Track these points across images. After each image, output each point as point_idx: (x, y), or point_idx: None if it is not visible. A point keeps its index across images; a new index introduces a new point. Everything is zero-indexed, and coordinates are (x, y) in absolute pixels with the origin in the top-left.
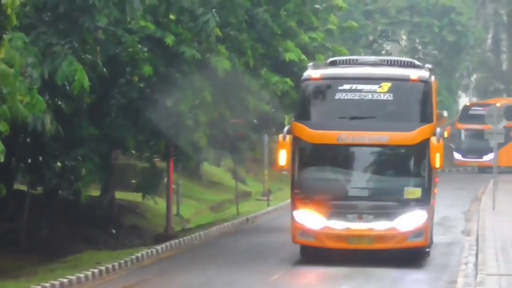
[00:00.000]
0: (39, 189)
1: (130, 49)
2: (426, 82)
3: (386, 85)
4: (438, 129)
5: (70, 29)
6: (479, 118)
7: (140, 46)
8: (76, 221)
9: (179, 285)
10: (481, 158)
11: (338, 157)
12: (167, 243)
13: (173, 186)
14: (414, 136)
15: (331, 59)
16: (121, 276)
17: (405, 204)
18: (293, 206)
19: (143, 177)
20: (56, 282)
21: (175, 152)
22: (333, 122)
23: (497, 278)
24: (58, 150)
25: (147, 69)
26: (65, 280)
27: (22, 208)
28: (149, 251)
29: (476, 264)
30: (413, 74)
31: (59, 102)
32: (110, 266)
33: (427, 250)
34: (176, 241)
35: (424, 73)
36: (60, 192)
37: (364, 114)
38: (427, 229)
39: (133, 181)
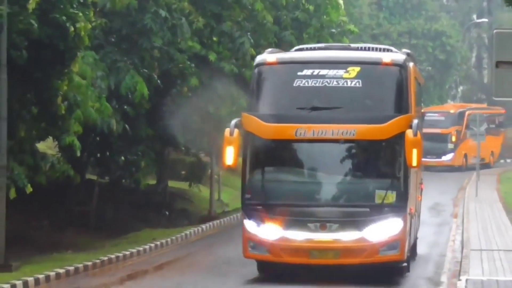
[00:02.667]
0: (106, 178)
1: (180, 65)
2: (401, 66)
3: (354, 70)
4: (415, 121)
5: (131, 48)
6: (434, 123)
7: (188, 62)
8: (136, 205)
9: (219, 257)
10: (440, 158)
11: (296, 155)
12: (210, 223)
13: (215, 176)
14: (386, 129)
15: (297, 47)
16: (173, 250)
17: (376, 210)
18: (244, 214)
19: (190, 169)
20: (120, 254)
21: (216, 148)
22: (290, 114)
23: (478, 252)
24: (122, 147)
25: (194, 81)
26: (127, 252)
27: (92, 195)
28: (195, 229)
29: (462, 241)
30: (386, 57)
31: (125, 107)
32: (163, 241)
33: (404, 265)
34: (217, 221)
35: (399, 56)
36: (123, 181)
37: (328, 104)
38: (403, 240)
39: (183, 172)
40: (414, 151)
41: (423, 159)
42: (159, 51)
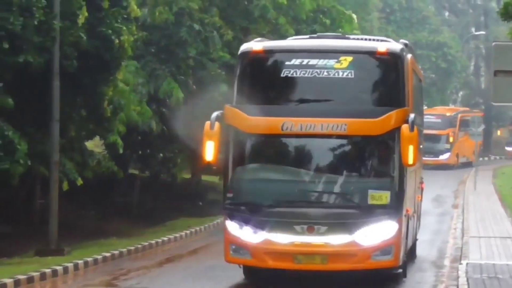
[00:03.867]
0: (146, 173)
1: (212, 73)
2: (397, 56)
3: (346, 60)
4: (411, 115)
5: (169, 58)
6: (431, 125)
7: (219, 70)
8: (173, 197)
9: None
10: (438, 157)
11: (283, 151)
12: None
13: None
14: (380, 123)
15: (290, 38)
16: (206, 236)
17: (369, 212)
18: (226, 215)
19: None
20: (159, 240)
21: None
22: (276, 107)
23: (477, 239)
24: (160, 145)
25: (223, 87)
26: (165, 238)
27: (133, 187)
28: None
29: (462, 229)
30: (381, 46)
31: (163, 110)
32: (197, 228)
33: (399, 271)
34: None
35: (395, 46)
36: (161, 175)
37: (317, 96)
38: (397, 245)
39: (214, 167)
40: (410, 148)
41: (423, 159)
42: (193, 60)
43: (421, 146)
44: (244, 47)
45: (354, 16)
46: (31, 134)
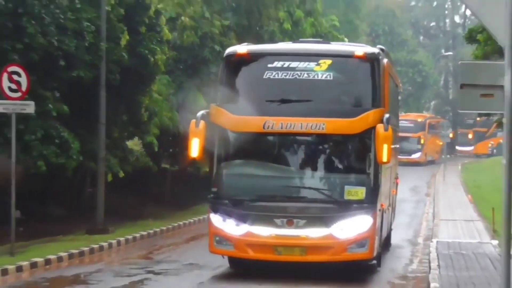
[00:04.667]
0: (176, 167)
1: None
2: (373, 59)
3: (326, 63)
4: (386, 115)
5: (194, 73)
6: (405, 129)
7: None
8: (196, 187)
9: None
10: (411, 156)
11: (264, 148)
12: None
13: None
14: (357, 123)
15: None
16: None
17: (345, 206)
18: (210, 208)
19: None
20: (186, 222)
21: None
22: (259, 106)
23: (445, 222)
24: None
25: None
26: (191, 220)
27: (165, 179)
28: None
29: (433, 214)
30: (359, 50)
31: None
32: None
33: (374, 262)
34: None
35: (372, 50)
36: (188, 169)
37: (298, 96)
38: (372, 238)
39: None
40: (385, 146)
41: (399, 156)
42: (214, 75)
43: (397, 146)
44: (229, 50)
45: (346, 39)
46: (82, 135)
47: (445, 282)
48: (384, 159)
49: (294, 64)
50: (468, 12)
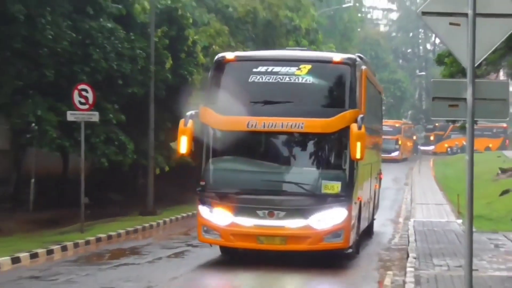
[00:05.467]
0: None
1: None
2: (350, 64)
3: (306, 67)
4: (360, 116)
5: None
6: (386, 132)
7: None
8: None
9: None
10: (391, 154)
11: (248, 145)
12: None
13: None
14: (333, 122)
15: None
16: None
17: (322, 200)
18: (199, 200)
19: None
20: None
21: None
22: (243, 107)
23: (420, 205)
24: None
25: None
26: None
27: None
28: None
29: (411, 199)
30: (337, 56)
31: None
32: None
33: (350, 251)
34: None
35: (349, 56)
36: None
37: (279, 98)
38: (347, 229)
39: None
40: (358, 144)
41: (382, 155)
42: None
43: (383, 146)
44: (219, 55)
45: None
46: (136, 138)
47: (421, 252)
48: (358, 156)
49: (277, 69)
50: (437, 41)
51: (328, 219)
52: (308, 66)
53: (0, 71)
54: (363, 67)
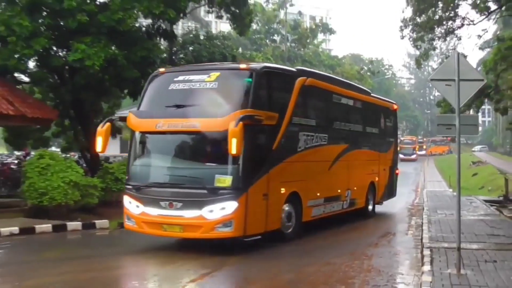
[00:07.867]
0: None
1: None
2: (251, 72)
3: (215, 75)
4: (242, 116)
5: None
6: (407, 143)
7: None
8: None
9: None
10: (410, 156)
11: (156, 144)
12: None
13: None
14: (224, 122)
15: None
16: None
17: (214, 192)
18: (123, 192)
19: None
20: None
21: None
22: (158, 111)
23: (429, 182)
24: None
25: None
26: None
27: None
28: None
29: (424, 178)
30: (243, 65)
31: None
32: None
33: (246, 239)
34: None
35: (255, 65)
36: None
37: (188, 102)
38: (238, 219)
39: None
40: (233, 140)
41: (403, 157)
42: None
43: (404, 151)
44: (155, 71)
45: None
46: None
47: (431, 206)
48: (233, 151)
49: (192, 77)
50: (437, 93)
51: (218, 210)
52: (217, 74)
53: None
54: (272, 73)
